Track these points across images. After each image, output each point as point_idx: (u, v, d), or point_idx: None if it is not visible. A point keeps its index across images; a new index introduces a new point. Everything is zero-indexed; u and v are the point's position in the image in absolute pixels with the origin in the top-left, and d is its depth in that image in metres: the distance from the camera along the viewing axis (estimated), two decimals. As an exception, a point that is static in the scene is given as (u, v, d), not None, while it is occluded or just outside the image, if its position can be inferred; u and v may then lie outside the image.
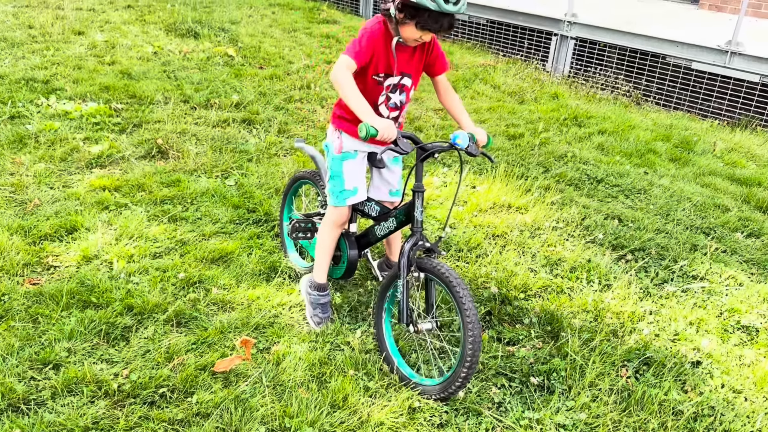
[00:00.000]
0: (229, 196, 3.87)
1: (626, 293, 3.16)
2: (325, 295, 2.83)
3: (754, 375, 2.67)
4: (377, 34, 2.44)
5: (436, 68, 2.64)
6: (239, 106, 5.42)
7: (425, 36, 2.40)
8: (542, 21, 7.61)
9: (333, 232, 2.80)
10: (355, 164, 2.70)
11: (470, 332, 2.27)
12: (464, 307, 2.29)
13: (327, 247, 2.82)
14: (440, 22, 2.31)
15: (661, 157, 5.16)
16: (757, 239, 3.90)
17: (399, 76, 2.55)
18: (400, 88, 2.58)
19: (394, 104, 2.61)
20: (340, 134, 2.68)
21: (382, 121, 2.28)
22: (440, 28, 2.34)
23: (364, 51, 2.40)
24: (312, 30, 8.42)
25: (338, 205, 2.71)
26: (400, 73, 2.54)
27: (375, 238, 2.81)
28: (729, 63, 6.34)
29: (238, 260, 3.24)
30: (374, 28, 2.45)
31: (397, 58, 2.49)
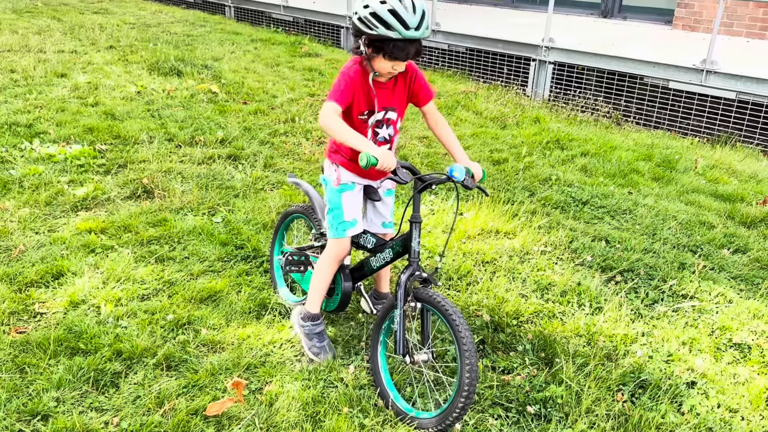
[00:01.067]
0: (216, 233, 3.86)
1: (617, 315, 3.16)
2: (319, 324, 2.82)
3: (749, 393, 2.67)
4: (355, 74, 2.48)
5: (420, 98, 2.66)
6: (224, 142, 5.43)
7: (397, 66, 2.42)
8: (520, 47, 7.74)
9: (332, 266, 2.78)
10: (353, 195, 2.71)
11: (467, 361, 2.27)
12: (461, 335, 2.28)
13: (324, 281, 2.80)
14: (406, 50, 2.36)
15: (644, 177, 5.21)
16: (743, 255, 3.93)
17: (383, 111, 2.58)
18: (386, 122, 2.61)
19: (382, 138, 2.64)
20: (337, 167, 2.71)
21: (382, 151, 2.30)
22: (408, 56, 2.38)
23: (345, 93, 2.44)
24: (294, 64, 8.50)
25: (339, 237, 2.71)
26: (383, 108, 2.58)
27: (370, 270, 2.82)
28: (705, 81, 6.46)
29: (227, 299, 3.21)
30: (351, 69, 2.49)
31: (377, 94, 2.53)
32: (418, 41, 2.36)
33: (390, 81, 2.55)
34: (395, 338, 2.47)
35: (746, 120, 6.28)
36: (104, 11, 12.13)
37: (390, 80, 2.55)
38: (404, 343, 2.46)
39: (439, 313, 2.38)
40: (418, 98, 2.65)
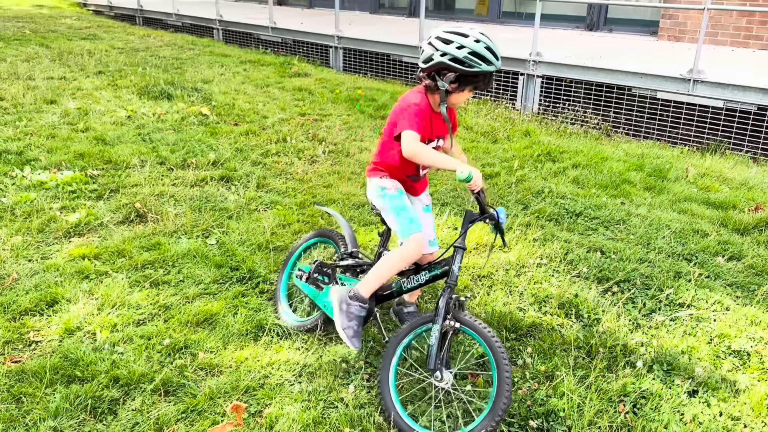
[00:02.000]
0: (211, 255, 3.84)
1: (616, 326, 3.16)
2: (363, 309, 2.77)
3: (751, 400, 2.67)
4: (425, 108, 2.69)
5: (454, 127, 2.89)
6: (216, 163, 5.42)
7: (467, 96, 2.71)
8: (508, 62, 7.81)
9: (404, 263, 2.76)
10: (408, 198, 2.91)
11: (506, 387, 2.38)
12: (502, 362, 2.40)
13: (389, 273, 2.79)
14: (491, 80, 2.66)
15: (636, 187, 5.24)
16: (738, 262, 3.94)
17: (435, 140, 2.81)
18: (437, 149, 2.84)
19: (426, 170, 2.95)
20: (386, 177, 2.88)
21: (475, 170, 2.50)
22: (487, 85, 2.67)
23: (420, 124, 2.63)
24: (284, 84, 8.54)
25: (417, 231, 2.72)
26: (436, 137, 2.81)
27: (399, 291, 2.90)
28: (692, 90, 6.53)
29: (223, 321, 3.19)
30: (422, 104, 2.69)
31: (433, 125, 2.75)
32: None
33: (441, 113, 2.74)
34: (428, 353, 2.53)
35: (734, 127, 6.34)
36: (92, 37, 12.16)
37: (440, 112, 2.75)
38: (437, 358, 2.52)
39: (479, 336, 2.51)
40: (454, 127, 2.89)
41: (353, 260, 3.10)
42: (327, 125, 6.74)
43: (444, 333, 2.55)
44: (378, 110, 7.31)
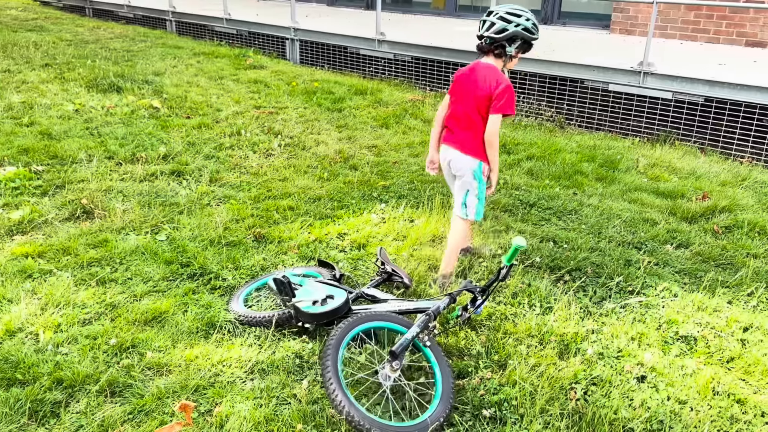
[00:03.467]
0: (160, 252, 3.74)
1: (567, 314, 3.19)
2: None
3: (697, 384, 2.73)
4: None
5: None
6: (167, 157, 5.30)
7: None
8: (465, 55, 7.83)
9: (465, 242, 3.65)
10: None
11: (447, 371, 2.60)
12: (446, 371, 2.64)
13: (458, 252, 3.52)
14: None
15: (589, 178, 5.32)
16: (686, 249, 4.04)
17: None
18: None
19: None
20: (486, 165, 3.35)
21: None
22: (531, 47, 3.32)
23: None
24: (239, 76, 8.39)
25: (478, 219, 3.45)
26: None
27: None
28: (643, 83, 6.66)
29: (173, 319, 3.11)
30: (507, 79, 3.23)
31: None
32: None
33: None
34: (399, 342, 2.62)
35: (683, 119, 6.49)
36: (39, 29, 11.74)
37: None
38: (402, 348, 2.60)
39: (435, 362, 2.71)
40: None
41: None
42: (283, 118, 6.65)
43: (413, 340, 2.66)
44: (335, 103, 7.25)
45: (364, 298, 3.13)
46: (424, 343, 2.68)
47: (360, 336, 2.77)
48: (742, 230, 4.31)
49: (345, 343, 2.61)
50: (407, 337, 2.61)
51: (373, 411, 2.53)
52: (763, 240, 4.18)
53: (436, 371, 2.61)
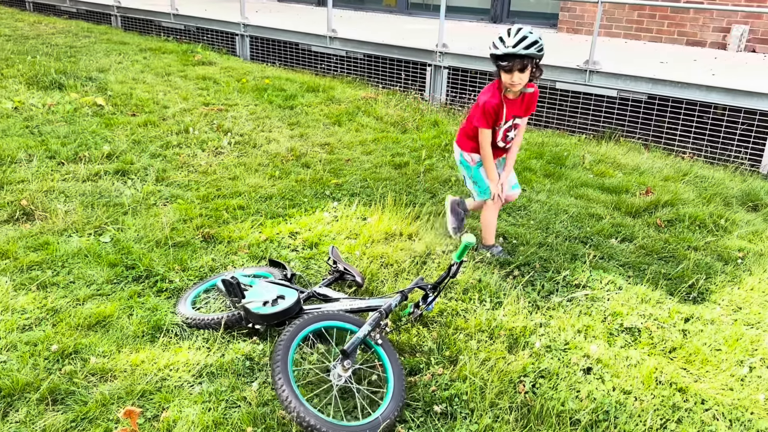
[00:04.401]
0: (104, 254, 3.63)
1: (516, 309, 3.24)
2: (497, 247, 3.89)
3: (641, 374, 2.81)
4: (492, 102, 3.46)
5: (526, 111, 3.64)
6: (111, 156, 5.14)
7: (512, 78, 3.33)
8: (416, 53, 7.87)
9: (495, 211, 3.84)
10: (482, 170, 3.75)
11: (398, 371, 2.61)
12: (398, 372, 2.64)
13: (492, 222, 3.86)
14: (508, 63, 3.28)
15: (537, 174, 5.41)
16: (630, 243, 4.15)
17: (511, 120, 3.57)
18: (514, 127, 3.64)
19: (509, 138, 3.70)
20: (470, 154, 3.72)
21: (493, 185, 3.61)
22: (511, 68, 3.30)
23: (488, 120, 3.50)
24: (187, 73, 8.22)
25: (489, 195, 3.75)
26: (512, 117, 3.56)
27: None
28: (589, 81, 6.81)
29: (117, 323, 3.02)
30: (489, 99, 3.46)
31: (506, 109, 3.50)
32: (522, 59, 3.26)
33: (518, 97, 3.52)
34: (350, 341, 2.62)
35: (627, 116, 6.68)
36: (-25, 22, 11.25)
37: (519, 97, 3.52)
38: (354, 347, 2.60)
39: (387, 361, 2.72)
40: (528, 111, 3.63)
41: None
42: (233, 115, 6.55)
43: (365, 338, 2.65)
44: (287, 100, 7.18)
45: (316, 297, 3.11)
46: (375, 342, 2.68)
47: (311, 336, 2.75)
48: (683, 224, 4.45)
49: (296, 344, 2.59)
50: (359, 336, 2.60)
51: (325, 411, 2.51)
52: (703, 233, 4.34)
53: (388, 369, 2.62)
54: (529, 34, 3.29)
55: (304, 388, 2.63)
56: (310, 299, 3.11)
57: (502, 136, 3.62)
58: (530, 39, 3.28)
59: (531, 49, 3.26)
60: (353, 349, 2.56)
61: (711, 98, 6.10)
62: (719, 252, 4.05)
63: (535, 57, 3.31)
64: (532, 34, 3.30)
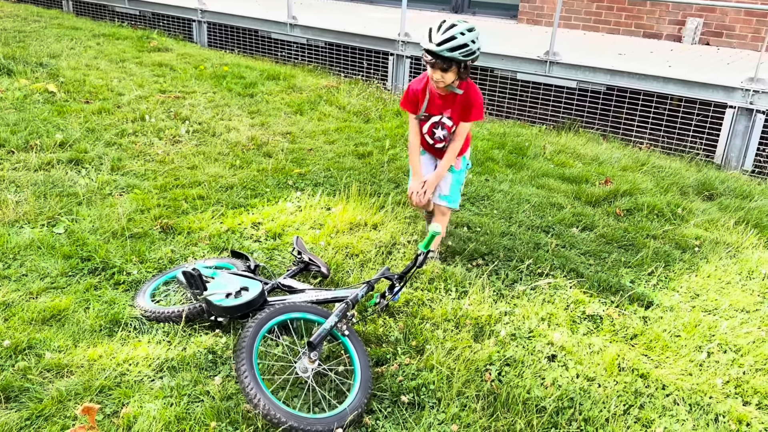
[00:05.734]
0: (58, 245, 3.50)
1: (481, 298, 3.25)
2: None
3: (604, 361, 2.85)
4: (414, 86, 3.40)
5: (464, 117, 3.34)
6: (64, 145, 4.96)
7: (433, 74, 3.15)
8: (378, 42, 7.81)
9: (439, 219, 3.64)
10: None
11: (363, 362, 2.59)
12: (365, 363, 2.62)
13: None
14: (431, 59, 3.09)
15: (499, 164, 5.45)
16: (590, 232, 4.21)
17: (439, 116, 3.36)
18: (442, 126, 3.39)
19: (438, 137, 3.44)
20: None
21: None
22: (433, 65, 3.10)
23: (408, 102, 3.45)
24: (142, 59, 7.99)
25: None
26: (439, 113, 3.35)
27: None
28: (549, 72, 6.88)
29: (73, 317, 2.91)
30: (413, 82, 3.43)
31: (430, 101, 3.33)
32: (444, 61, 3.04)
33: (448, 95, 3.29)
34: (317, 332, 2.58)
35: (587, 107, 6.78)
36: None
37: (448, 94, 3.29)
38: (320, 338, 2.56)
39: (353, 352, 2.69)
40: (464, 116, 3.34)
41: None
42: (191, 103, 6.39)
43: (331, 329, 2.62)
44: (247, 88, 7.05)
45: (280, 288, 3.05)
46: (342, 333, 2.65)
47: (276, 328, 2.71)
48: (641, 213, 4.54)
49: (260, 336, 2.54)
50: (325, 327, 2.57)
51: (292, 404, 2.48)
52: (661, 222, 4.43)
53: (355, 360, 2.59)
54: (459, 36, 2.99)
55: (270, 381, 2.58)
56: (274, 291, 3.05)
57: (428, 129, 3.41)
58: (458, 41, 2.99)
59: (455, 53, 2.99)
60: (320, 340, 2.52)
61: (668, 89, 6.23)
62: (677, 240, 4.15)
63: (460, 62, 3.06)
64: (464, 36, 3.00)
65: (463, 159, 3.56)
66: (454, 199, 3.56)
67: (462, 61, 3.07)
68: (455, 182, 3.54)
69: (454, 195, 3.55)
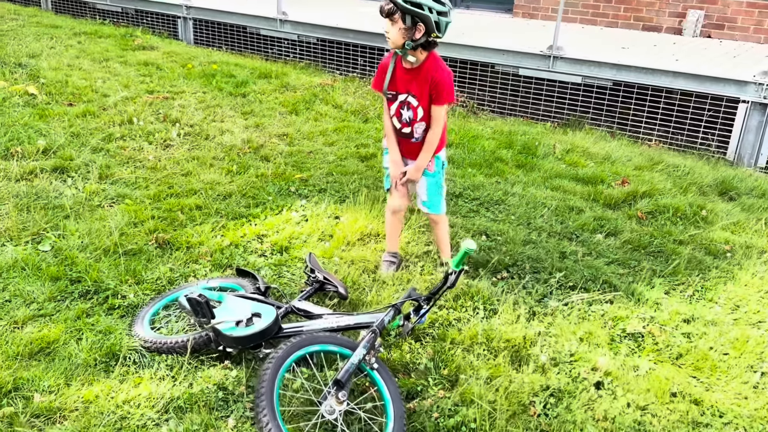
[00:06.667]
0: (44, 266, 3.18)
1: (513, 317, 2.99)
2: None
3: (653, 387, 2.60)
4: (385, 58, 3.12)
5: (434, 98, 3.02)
6: (48, 152, 4.61)
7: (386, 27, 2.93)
8: (372, 37, 7.52)
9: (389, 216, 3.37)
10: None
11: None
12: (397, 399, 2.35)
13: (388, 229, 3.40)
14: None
15: (509, 165, 5.19)
16: (615, 238, 3.97)
17: (405, 95, 3.05)
18: (409, 107, 3.07)
19: (405, 119, 3.11)
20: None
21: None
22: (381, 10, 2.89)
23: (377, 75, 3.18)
24: (127, 58, 7.61)
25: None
26: (406, 91, 3.04)
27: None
28: (552, 67, 6.63)
29: (64, 350, 2.60)
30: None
31: (398, 75, 3.05)
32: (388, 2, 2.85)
33: (413, 70, 2.99)
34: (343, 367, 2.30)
35: (592, 102, 6.54)
36: None
37: (415, 68, 2.98)
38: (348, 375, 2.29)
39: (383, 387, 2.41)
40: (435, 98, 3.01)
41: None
42: (180, 104, 6.06)
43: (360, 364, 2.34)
44: (238, 87, 6.72)
45: (294, 312, 2.76)
46: (371, 366, 2.36)
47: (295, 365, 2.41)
48: (664, 215, 4.31)
49: (280, 377, 2.25)
50: (353, 362, 2.28)
51: (316, 448, 2.20)
52: (685, 224, 4.20)
53: (385, 395, 2.31)
54: None
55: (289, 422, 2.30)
56: (288, 314, 2.76)
57: (396, 111, 3.09)
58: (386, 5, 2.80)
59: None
60: (348, 377, 2.24)
61: (677, 84, 6.01)
62: (706, 245, 3.91)
63: (404, 11, 2.77)
64: None
65: (437, 160, 3.20)
66: (434, 204, 3.25)
67: (405, 10, 2.77)
68: (432, 186, 3.22)
69: (433, 200, 3.24)
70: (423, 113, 3.04)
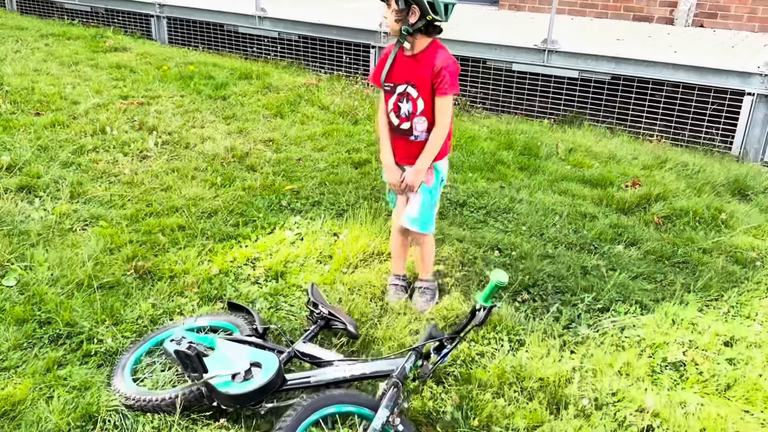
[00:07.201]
0: (9, 305, 2.79)
1: (543, 349, 2.68)
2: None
3: (707, 426, 2.31)
4: (386, 48, 2.88)
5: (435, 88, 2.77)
6: (12, 168, 4.20)
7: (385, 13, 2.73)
8: (357, 33, 7.16)
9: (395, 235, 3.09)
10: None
11: None
12: None
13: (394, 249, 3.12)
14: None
15: (511, 168, 4.89)
16: (635, 248, 3.69)
17: (404, 85, 2.78)
18: (408, 98, 2.79)
19: (403, 113, 2.82)
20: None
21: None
22: None
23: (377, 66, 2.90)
24: (98, 61, 7.16)
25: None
26: (405, 81, 2.78)
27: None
28: (547, 61, 6.34)
29: (33, 413, 2.23)
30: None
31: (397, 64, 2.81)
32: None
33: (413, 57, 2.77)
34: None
35: (590, 98, 6.26)
36: None
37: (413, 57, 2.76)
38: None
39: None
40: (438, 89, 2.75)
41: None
42: (157, 109, 5.65)
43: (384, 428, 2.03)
44: (218, 90, 6.32)
45: (299, 358, 2.42)
46: (395, 429, 2.04)
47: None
48: (682, 220, 4.04)
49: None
50: (375, 428, 1.95)
51: None
52: (705, 230, 3.93)
53: None
54: None
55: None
56: (291, 360, 2.41)
57: (394, 105, 2.82)
58: None
59: None
60: None
61: (679, 77, 5.76)
62: (731, 253, 3.65)
63: None
64: None
65: (436, 173, 2.90)
66: (423, 222, 2.89)
67: None
68: (425, 202, 2.87)
69: (424, 217, 2.88)
70: (423, 106, 2.76)
